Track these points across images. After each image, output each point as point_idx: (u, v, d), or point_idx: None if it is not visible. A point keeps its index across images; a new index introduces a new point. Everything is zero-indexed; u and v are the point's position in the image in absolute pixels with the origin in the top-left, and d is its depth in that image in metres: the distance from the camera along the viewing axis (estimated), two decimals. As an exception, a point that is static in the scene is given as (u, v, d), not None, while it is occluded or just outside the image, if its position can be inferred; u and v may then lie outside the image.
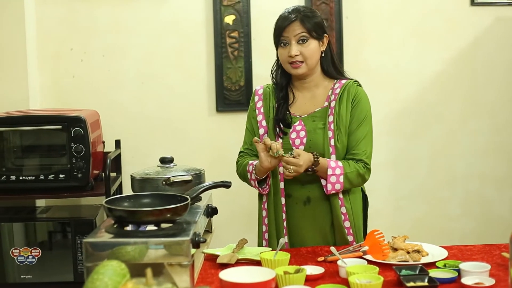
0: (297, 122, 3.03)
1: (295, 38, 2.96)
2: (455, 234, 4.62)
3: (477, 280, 2.29)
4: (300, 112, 3.06)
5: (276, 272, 2.27)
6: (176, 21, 4.40)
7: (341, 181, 2.90)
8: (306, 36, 2.96)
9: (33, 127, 3.70)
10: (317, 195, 3.00)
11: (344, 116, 2.98)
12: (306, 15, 2.98)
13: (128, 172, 3.65)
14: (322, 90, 3.08)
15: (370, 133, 3.03)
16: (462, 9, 4.52)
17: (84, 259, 2.32)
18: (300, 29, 2.95)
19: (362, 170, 2.95)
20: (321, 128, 2.99)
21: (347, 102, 3.00)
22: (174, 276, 2.28)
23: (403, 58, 4.53)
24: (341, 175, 2.90)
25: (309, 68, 3.00)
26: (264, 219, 3.10)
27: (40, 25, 4.31)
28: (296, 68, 2.99)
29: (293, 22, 2.96)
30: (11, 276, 3.67)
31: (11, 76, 4.12)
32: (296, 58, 2.96)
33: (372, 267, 2.38)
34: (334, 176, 2.89)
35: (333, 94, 3.03)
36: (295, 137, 3.01)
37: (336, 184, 2.91)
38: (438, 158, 4.62)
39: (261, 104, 3.13)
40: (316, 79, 3.08)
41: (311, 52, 2.97)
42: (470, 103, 4.59)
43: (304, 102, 3.08)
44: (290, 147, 3.00)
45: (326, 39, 3.04)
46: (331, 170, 2.89)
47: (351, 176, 2.92)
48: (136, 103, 4.42)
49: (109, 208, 2.43)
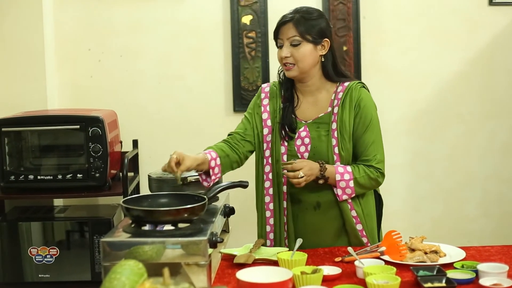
0: (302, 128, 2.99)
1: (288, 41, 2.92)
2: (473, 235, 4.59)
3: (495, 281, 2.27)
4: (304, 117, 3.02)
5: (293, 272, 2.27)
6: (194, 21, 4.41)
7: (351, 186, 2.88)
8: (298, 40, 2.89)
9: (51, 127, 3.72)
10: (326, 200, 2.97)
11: (347, 123, 2.93)
12: (303, 17, 2.91)
13: (145, 172, 3.67)
14: (325, 94, 3.02)
15: (378, 136, 3.00)
16: (480, 9, 4.49)
17: (102, 258, 2.33)
18: (293, 32, 2.90)
19: (373, 174, 2.93)
20: (325, 136, 2.95)
21: (350, 107, 2.94)
22: (191, 275, 2.29)
23: (420, 58, 4.51)
24: (351, 180, 2.88)
25: (301, 71, 2.93)
26: (269, 219, 3.06)
27: (58, 26, 4.33)
28: (288, 70, 2.95)
29: (287, 24, 2.92)
30: (29, 275, 3.69)
31: (30, 76, 4.14)
32: (287, 60, 2.92)
33: (390, 267, 2.38)
34: (344, 182, 2.87)
35: (336, 99, 2.98)
36: (300, 144, 2.98)
37: (346, 189, 2.89)
38: (457, 159, 4.59)
39: (267, 102, 3.09)
40: (317, 83, 3.01)
41: (301, 55, 2.90)
42: (488, 103, 4.56)
43: (307, 107, 3.03)
44: (295, 153, 2.98)
45: (326, 44, 2.95)
46: (340, 176, 2.87)
47: (362, 181, 2.90)
48: (154, 103, 4.43)
49: (126, 207, 2.44)
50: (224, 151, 2.95)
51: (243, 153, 3.03)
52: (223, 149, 2.96)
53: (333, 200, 2.96)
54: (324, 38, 2.94)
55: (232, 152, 2.98)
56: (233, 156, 2.98)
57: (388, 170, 4.50)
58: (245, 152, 3.05)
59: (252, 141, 3.06)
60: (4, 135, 3.66)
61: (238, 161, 3.01)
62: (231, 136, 3.07)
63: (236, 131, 3.09)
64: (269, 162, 3.03)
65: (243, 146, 3.03)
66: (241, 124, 3.12)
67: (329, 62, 2.99)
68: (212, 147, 2.97)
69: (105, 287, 1.89)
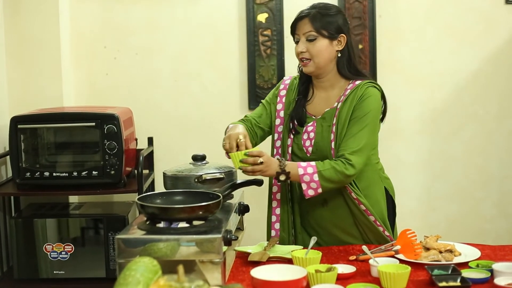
0: (310, 123, 3.00)
1: (304, 36, 2.93)
2: (489, 234, 4.58)
3: (510, 281, 2.26)
4: (315, 112, 3.02)
5: (308, 271, 2.27)
6: (209, 19, 4.41)
7: (316, 179, 2.78)
8: (314, 35, 2.90)
9: (67, 124, 3.72)
10: (332, 197, 2.96)
11: (343, 118, 2.89)
12: (319, 13, 2.91)
13: (160, 169, 3.68)
14: (337, 90, 3.01)
15: (365, 132, 2.86)
16: (496, 8, 4.47)
17: (117, 255, 2.34)
18: (308, 27, 2.91)
19: (339, 166, 2.79)
20: (327, 131, 2.94)
21: (351, 103, 2.89)
22: (206, 273, 2.29)
23: (437, 57, 4.50)
24: (315, 174, 2.77)
25: (317, 66, 2.94)
26: (275, 210, 3.08)
27: (74, 23, 4.35)
28: (304, 65, 2.96)
29: (303, 19, 2.93)
30: (44, 271, 3.70)
31: (46, 73, 4.16)
32: (303, 55, 2.93)
33: (404, 266, 2.37)
34: (307, 176, 2.78)
35: (343, 95, 2.96)
36: (306, 138, 2.98)
37: (311, 183, 2.79)
38: (473, 158, 4.58)
39: (285, 93, 3.10)
40: (332, 79, 3.01)
41: (317, 51, 2.91)
42: (506, 102, 4.54)
43: (319, 102, 3.04)
44: (302, 147, 2.99)
45: (343, 39, 2.95)
46: (302, 170, 2.78)
47: (327, 174, 2.78)
48: (169, 101, 4.44)
49: (141, 205, 2.45)
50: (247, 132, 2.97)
51: (255, 139, 3.08)
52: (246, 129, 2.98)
53: (340, 198, 2.95)
54: (341, 34, 2.94)
55: (249, 135, 2.99)
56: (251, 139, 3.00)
57: (403, 169, 4.54)
58: (257, 139, 3.10)
59: (265, 129, 3.10)
60: (20, 132, 3.68)
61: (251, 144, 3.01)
62: (247, 119, 3.11)
63: (252, 116, 3.13)
64: (279, 152, 3.06)
65: (255, 133, 3.08)
66: (257, 110, 3.16)
67: (345, 58, 2.98)
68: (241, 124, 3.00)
69: (119, 284, 1.89)
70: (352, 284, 2.30)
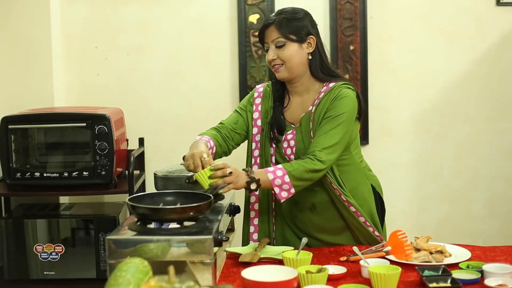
0: (290, 131, 2.97)
1: (273, 43, 2.91)
2: (479, 235, 4.59)
3: (501, 282, 2.27)
4: (292, 119, 2.99)
5: (298, 271, 2.27)
6: (201, 19, 4.41)
7: (287, 180, 2.72)
8: (282, 41, 2.88)
9: (58, 124, 3.72)
10: (321, 202, 2.95)
11: (318, 120, 2.87)
12: (285, 18, 2.90)
13: (151, 170, 3.67)
14: (312, 94, 2.98)
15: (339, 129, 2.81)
16: (487, 9, 4.48)
17: (107, 256, 2.34)
18: (276, 34, 2.89)
19: (308, 164, 2.74)
20: (306, 137, 2.91)
21: (324, 105, 2.87)
22: (197, 274, 2.29)
23: (428, 58, 4.50)
24: (285, 175, 2.72)
25: (289, 71, 2.91)
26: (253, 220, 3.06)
27: (65, 23, 4.34)
28: (277, 71, 2.94)
29: (269, 27, 2.91)
30: (34, 272, 3.70)
31: (37, 73, 4.16)
32: (275, 62, 2.91)
33: (395, 267, 2.37)
34: (278, 179, 2.73)
35: (317, 99, 2.93)
36: (287, 146, 2.97)
37: (284, 185, 2.73)
38: (464, 159, 4.59)
39: (260, 101, 3.08)
40: (306, 83, 2.97)
41: (288, 56, 2.88)
42: (497, 103, 4.55)
43: (296, 107, 3.00)
44: (284, 155, 2.97)
45: (312, 41, 2.92)
46: (272, 175, 2.73)
47: (297, 174, 2.73)
48: (160, 101, 4.44)
49: (132, 205, 2.45)
50: (218, 141, 3.00)
51: (232, 145, 3.08)
52: (218, 138, 3.00)
53: (328, 201, 2.94)
54: (309, 36, 2.92)
55: (223, 143, 3.02)
56: (224, 147, 3.04)
57: (394, 170, 4.54)
58: (234, 145, 3.10)
59: (242, 133, 3.10)
60: (10, 132, 3.67)
61: (226, 151, 3.07)
62: (222, 126, 3.09)
63: (227, 122, 3.11)
64: (257, 162, 3.04)
65: (232, 139, 3.07)
66: (232, 117, 3.13)
67: (317, 59, 2.95)
68: (208, 134, 3.00)
69: (110, 284, 1.89)
70: (342, 285, 2.30)
